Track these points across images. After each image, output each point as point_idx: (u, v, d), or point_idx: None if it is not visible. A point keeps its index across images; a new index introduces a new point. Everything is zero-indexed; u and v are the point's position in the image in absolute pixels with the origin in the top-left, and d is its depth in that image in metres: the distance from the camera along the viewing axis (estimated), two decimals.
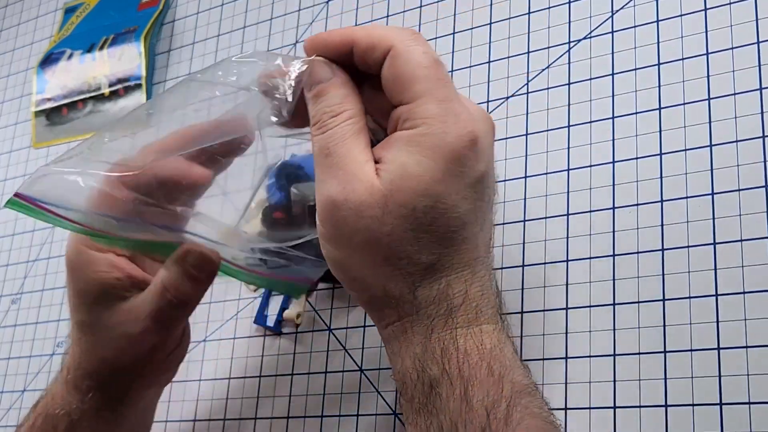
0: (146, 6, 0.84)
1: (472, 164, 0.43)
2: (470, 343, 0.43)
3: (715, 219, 0.50)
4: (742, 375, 0.46)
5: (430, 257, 0.43)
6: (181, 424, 0.66)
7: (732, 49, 0.53)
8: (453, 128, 0.42)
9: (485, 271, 0.45)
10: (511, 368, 0.43)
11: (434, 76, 0.44)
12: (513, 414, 0.41)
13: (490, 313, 0.44)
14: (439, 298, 0.43)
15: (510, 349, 0.44)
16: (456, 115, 0.43)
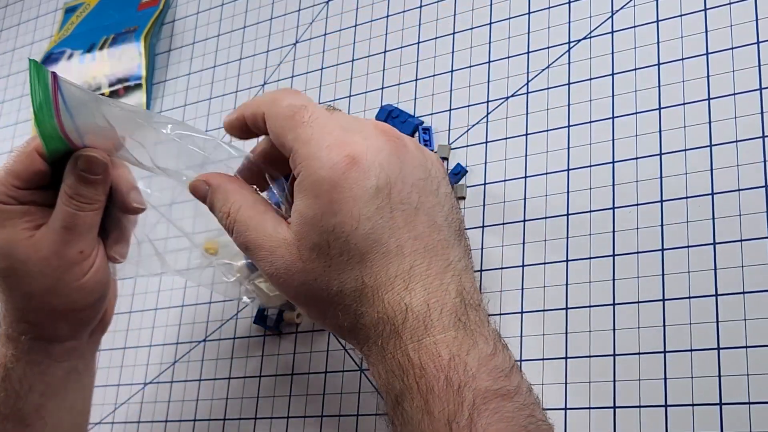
0: (146, 6, 0.84)
1: (360, 183, 0.45)
2: (425, 357, 0.43)
3: (715, 219, 0.50)
4: (741, 375, 0.46)
5: (355, 282, 0.45)
6: (182, 424, 0.66)
7: (732, 49, 0.53)
8: (325, 161, 0.45)
9: (435, 278, 0.45)
10: (476, 376, 0.42)
11: (298, 122, 0.47)
12: (478, 421, 0.41)
13: (448, 321, 0.44)
14: (380, 320, 0.44)
15: (475, 355, 0.43)
16: (327, 148, 0.45)
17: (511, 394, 0.42)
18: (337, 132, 0.46)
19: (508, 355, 0.45)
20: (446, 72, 0.64)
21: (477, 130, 0.61)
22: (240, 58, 0.76)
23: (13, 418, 0.58)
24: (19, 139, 0.90)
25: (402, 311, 0.44)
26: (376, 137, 0.46)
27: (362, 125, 0.47)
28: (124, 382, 0.70)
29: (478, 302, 0.46)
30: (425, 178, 0.47)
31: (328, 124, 0.47)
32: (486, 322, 0.45)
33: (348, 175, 0.45)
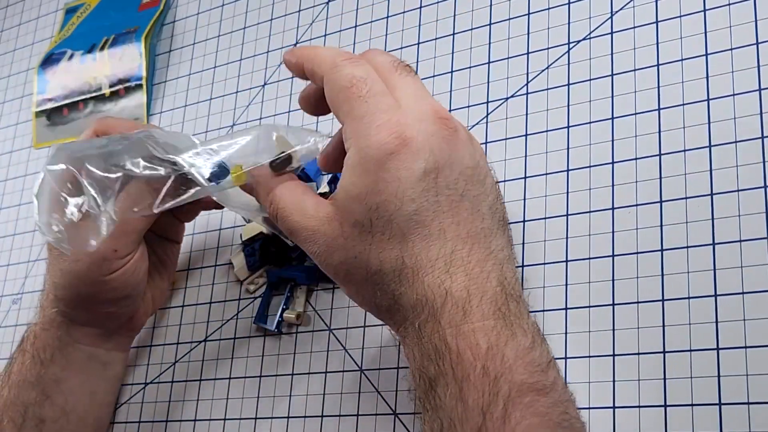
0: (147, 6, 0.84)
1: (408, 164, 0.44)
2: (462, 343, 0.43)
3: (715, 219, 0.50)
4: (741, 375, 0.47)
5: (395, 262, 0.45)
6: (182, 424, 0.66)
7: (731, 49, 0.53)
8: (374, 140, 0.45)
9: (476, 265, 0.44)
10: (513, 368, 0.42)
11: (355, 95, 0.46)
12: (512, 413, 0.41)
13: (488, 310, 0.43)
14: (419, 302, 0.44)
15: (513, 347, 0.43)
16: (377, 127, 0.45)
17: (546, 389, 0.42)
18: (391, 112, 0.46)
19: (546, 350, 0.44)
20: (446, 72, 0.64)
21: (477, 131, 0.61)
22: (240, 59, 0.76)
23: (37, 386, 0.61)
24: (19, 140, 0.90)
25: (441, 295, 0.44)
26: (431, 122, 0.46)
27: (420, 105, 0.47)
28: (124, 381, 0.70)
29: (518, 294, 0.46)
30: (473, 167, 0.47)
31: (384, 101, 0.46)
32: (526, 314, 0.45)
33: (396, 155, 0.44)
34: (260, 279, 0.66)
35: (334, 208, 0.47)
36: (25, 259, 0.82)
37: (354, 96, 0.46)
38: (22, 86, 0.92)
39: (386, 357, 0.58)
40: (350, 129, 0.46)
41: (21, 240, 0.84)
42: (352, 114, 0.46)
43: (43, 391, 0.62)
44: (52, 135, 0.87)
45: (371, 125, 0.45)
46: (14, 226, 0.85)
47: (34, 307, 0.67)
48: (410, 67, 0.49)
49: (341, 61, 0.47)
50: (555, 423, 0.42)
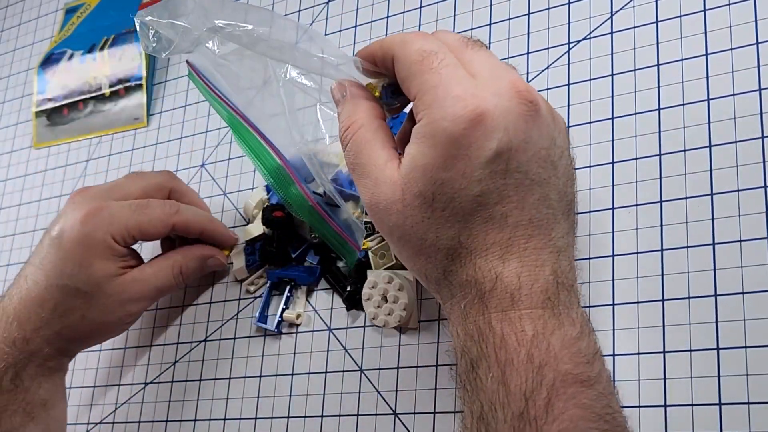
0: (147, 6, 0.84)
1: (480, 143, 0.43)
2: (507, 328, 0.42)
3: (715, 219, 0.50)
4: (741, 375, 0.47)
5: (451, 241, 0.44)
6: (182, 424, 0.66)
7: (731, 49, 0.53)
8: (449, 112, 0.43)
9: (532, 252, 0.43)
10: (558, 357, 0.41)
11: (426, 68, 0.44)
12: (555, 402, 0.40)
13: (537, 299, 0.42)
14: (468, 282, 0.43)
15: (560, 336, 0.42)
16: (454, 98, 0.43)
17: (591, 381, 0.41)
18: (466, 83, 0.43)
19: (594, 341, 0.43)
20: None
21: None
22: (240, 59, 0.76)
23: (21, 411, 0.62)
24: (19, 140, 0.90)
25: (492, 279, 0.43)
26: (508, 97, 0.44)
27: (497, 78, 0.44)
28: (124, 382, 0.70)
29: (571, 282, 0.45)
30: (548, 148, 0.45)
31: (458, 72, 0.44)
32: (576, 303, 0.44)
33: (469, 131, 0.42)
34: (260, 279, 0.66)
35: (400, 175, 0.45)
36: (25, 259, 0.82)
37: (426, 68, 0.44)
38: (22, 86, 0.92)
39: (386, 357, 0.58)
40: (423, 100, 0.44)
41: (21, 240, 0.84)
42: (425, 85, 0.44)
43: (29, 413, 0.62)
44: (52, 135, 0.87)
45: (447, 96, 0.43)
46: (14, 226, 0.85)
47: None
48: (482, 42, 0.47)
49: (410, 38, 0.46)
50: (598, 416, 0.41)
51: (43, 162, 0.86)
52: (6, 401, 0.61)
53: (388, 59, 0.48)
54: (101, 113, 0.83)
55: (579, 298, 0.45)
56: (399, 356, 0.58)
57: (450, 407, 0.54)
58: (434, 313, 0.57)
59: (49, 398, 0.63)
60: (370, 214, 0.47)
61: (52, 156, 0.86)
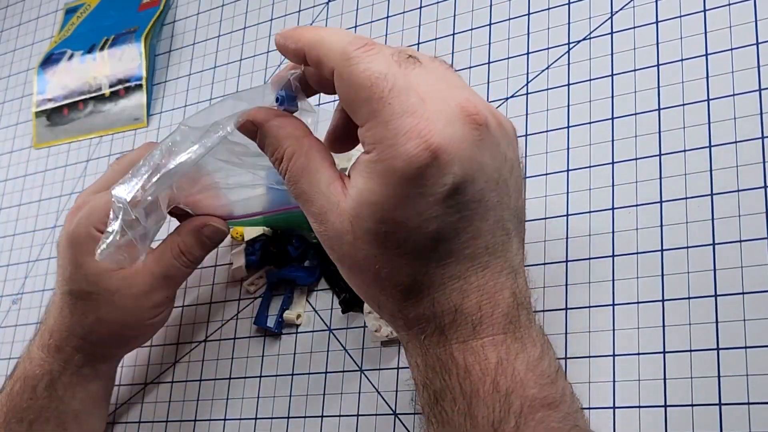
0: (147, 6, 0.84)
1: (435, 180, 0.40)
2: (470, 358, 0.41)
3: (715, 219, 0.50)
4: (741, 375, 0.47)
5: (407, 278, 0.42)
6: (182, 424, 0.66)
7: (731, 50, 0.53)
8: (402, 150, 0.40)
9: (490, 278, 0.42)
10: (523, 382, 0.40)
11: (376, 96, 0.41)
12: (524, 430, 0.39)
13: (499, 324, 0.41)
14: (425, 317, 0.42)
15: (523, 359, 0.41)
16: (405, 135, 0.40)
17: (556, 403, 0.41)
18: (418, 112, 0.40)
19: (553, 357, 0.43)
20: None
21: None
22: (240, 59, 0.76)
23: (53, 420, 0.62)
24: (19, 140, 0.90)
25: (450, 312, 0.42)
26: (460, 124, 0.41)
27: (445, 101, 0.41)
28: (124, 382, 0.70)
29: (528, 299, 0.43)
30: (500, 168, 0.43)
31: (408, 101, 0.40)
32: (533, 321, 0.43)
33: (424, 171, 0.40)
34: (260, 279, 0.66)
35: (348, 206, 0.43)
36: (25, 259, 0.82)
37: (375, 97, 0.41)
38: (22, 86, 0.92)
39: (386, 357, 0.58)
40: (372, 134, 0.41)
41: (21, 240, 0.84)
42: (375, 117, 0.41)
43: (61, 424, 0.62)
44: (52, 135, 0.87)
45: (398, 132, 0.40)
46: (14, 226, 0.85)
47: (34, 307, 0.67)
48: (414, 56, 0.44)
49: (354, 52, 0.42)
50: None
51: (43, 162, 0.86)
52: (40, 408, 0.61)
53: (326, 70, 0.43)
54: (101, 113, 0.83)
55: (534, 313, 0.44)
56: (399, 356, 0.58)
57: None
58: None
59: (83, 409, 0.63)
60: (321, 241, 0.45)
61: (52, 156, 0.86)
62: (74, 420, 0.63)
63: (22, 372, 0.63)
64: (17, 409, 0.61)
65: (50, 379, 0.61)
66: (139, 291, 0.60)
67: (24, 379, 0.62)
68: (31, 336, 0.77)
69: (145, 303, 0.61)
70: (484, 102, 0.43)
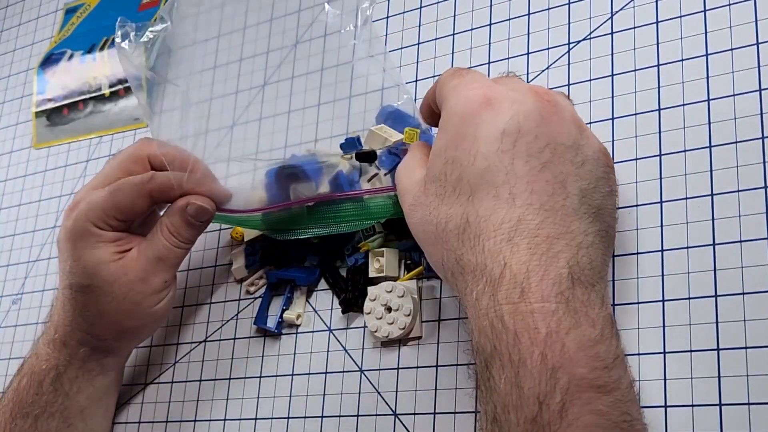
0: (147, 6, 0.84)
1: (488, 122, 0.44)
2: (520, 324, 0.40)
3: (715, 220, 0.50)
4: (741, 376, 0.46)
5: (460, 219, 0.44)
6: (182, 424, 0.66)
7: (731, 50, 0.53)
8: (462, 97, 0.46)
9: (544, 239, 0.42)
10: (573, 360, 0.40)
11: (456, 74, 0.49)
12: (569, 408, 0.39)
13: (549, 292, 0.41)
14: (479, 268, 0.42)
15: (576, 337, 0.40)
16: (469, 89, 0.46)
17: (608, 387, 0.40)
18: (485, 81, 0.47)
19: (615, 345, 0.42)
20: None
21: None
22: (240, 59, 0.76)
23: (58, 416, 0.62)
24: (19, 140, 0.90)
25: (500, 265, 0.42)
26: (524, 93, 0.46)
27: (519, 83, 0.48)
28: (124, 382, 0.70)
29: (592, 281, 0.43)
30: (568, 147, 0.45)
31: (481, 77, 0.48)
32: (598, 304, 0.42)
33: (479, 112, 0.45)
34: (260, 279, 0.66)
35: (425, 168, 0.48)
36: (25, 259, 0.82)
37: (456, 75, 0.48)
38: (22, 86, 0.92)
39: (386, 357, 0.58)
40: (446, 96, 0.48)
41: (21, 240, 0.84)
42: (450, 86, 0.48)
43: (66, 420, 0.62)
44: (52, 135, 0.87)
45: (465, 89, 0.46)
46: (14, 226, 0.85)
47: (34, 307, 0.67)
48: None
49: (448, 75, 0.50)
50: (614, 423, 0.40)
51: (43, 162, 0.86)
52: (45, 403, 0.61)
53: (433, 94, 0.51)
54: (101, 113, 0.83)
55: (605, 300, 0.43)
56: (399, 357, 0.58)
57: (450, 408, 0.54)
58: (434, 314, 0.57)
59: (88, 406, 0.63)
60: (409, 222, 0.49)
61: (52, 156, 0.86)
62: (79, 416, 0.63)
63: (29, 368, 0.63)
64: (23, 404, 0.62)
65: (56, 374, 0.62)
66: (136, 277, 0.60)
67: (30, 374, 0.63)
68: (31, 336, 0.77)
69: (143, 289, 0.61)
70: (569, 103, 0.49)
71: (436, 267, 0.48)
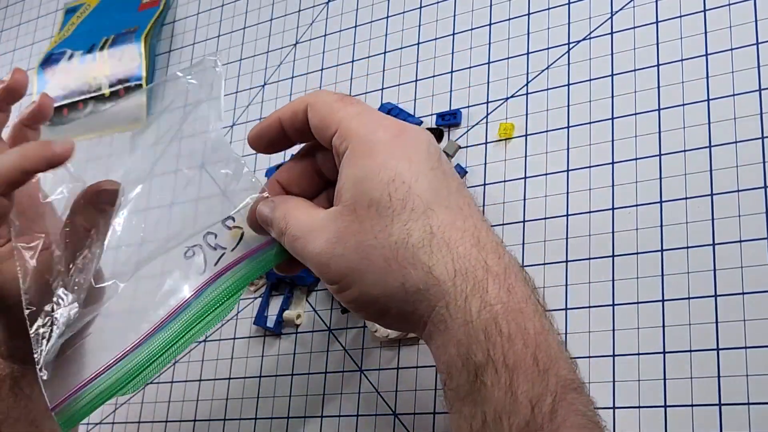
0: (147, 6, 0.84)
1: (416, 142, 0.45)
2: (513, 326, 0.41)
3: (715, 220, 0.50)
4: (741, 375, 0.47)
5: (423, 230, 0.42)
6: (182, 424, 0.66)
7: (731, 50, 0.53)
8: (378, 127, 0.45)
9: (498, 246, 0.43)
10: (557, 360, 0.41)
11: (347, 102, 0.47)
12: (558, 410, 0.39)
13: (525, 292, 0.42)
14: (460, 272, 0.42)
15: (554, 337, 0.42)
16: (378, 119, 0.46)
17: (582, 387, 0.41)
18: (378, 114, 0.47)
19: None
20: (446, 72, 0.64)
21: (477, 131, 0.61)
22: (240, 59, 0.76)
23: (24, 420, 0.60)
24: None
25: (482, 266, 0.42)
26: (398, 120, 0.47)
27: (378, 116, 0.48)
28: None
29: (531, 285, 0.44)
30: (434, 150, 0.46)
31: (370, 108, 0.47)
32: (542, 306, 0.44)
33: (402, 135, 0.45)
34: (260, 279, 0.66)
35: (341, 202, 0.45)
36: None
37: (347, 103, 0.46)
38: None
39: (386, 357, 0.58)
40: (350, 127, 0.45)
41: None
42: (348, 115, 0.46)
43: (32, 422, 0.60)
44: (51, 135, 0.87)
45: (372, 119, 0.46)
46: None
47: None
48: None
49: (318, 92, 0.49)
50: (593, 422, 0.41)
51: None
52: (7, 409, 0.60)
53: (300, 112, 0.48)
54: (101, 113, 0.83)
55: None
56: (398, 357, 0.58)
57: None
58: None
59: None
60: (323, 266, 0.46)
61: None
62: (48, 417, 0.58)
63: None
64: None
65: (12, 381, 0.60)
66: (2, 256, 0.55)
67: None
68: None
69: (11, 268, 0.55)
70: None
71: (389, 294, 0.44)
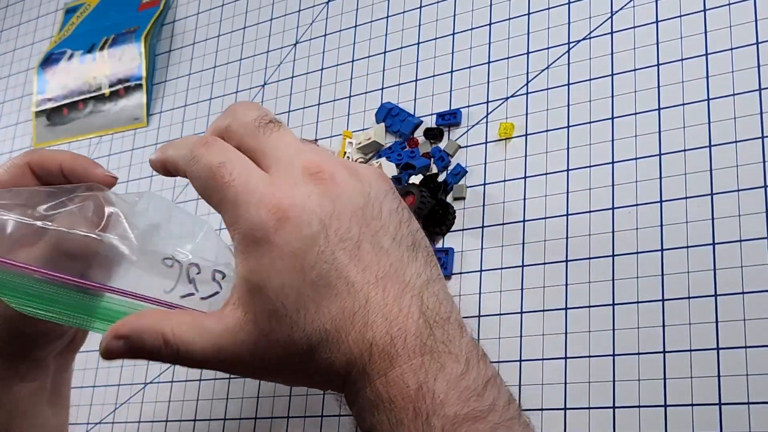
0: (147, 6, 0.84)
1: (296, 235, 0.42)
2: (393, 390, 0.41)
3: (715, 219, 0.50)
4: (741, 375, 0.47)
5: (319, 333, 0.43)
6: (182, 424, 0.66)
7: (731, 49, 0.53)
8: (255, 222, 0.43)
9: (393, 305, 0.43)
10: (444, 402, 0.41)
11: (220, 183, 0.44)
12: None
13: (413, 348, 0.42)
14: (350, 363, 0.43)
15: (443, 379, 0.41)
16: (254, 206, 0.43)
17: (483, 415, 0.41)
18: (261, 186, 0.44)
19: (483, 369, 0.43)
20: (446, 72, 0.64)
21: (476, 131, 0.61)
22: (240, 59, 0.76)
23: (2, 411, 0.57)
24: (19, 140, 0.90)
25: (367, 348, 0.42)
26: (304, 183, 0.44)
27: (291, 166, 0.45)
28: (124, 382, 0.70)
29: (445, 316, 0.44)
30: (364, 206, 0.44)
31: (250, 179, 0.44)
32: (457, 335, 0.43)
33: (281, 231, 0.42)
34: None
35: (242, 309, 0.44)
36: None
37: (220, 184, 0.44)
38: (22, 86, 0.92)
39: None
40: (228, 218, 0.44)
41: None
42: (225, 202, 0.44)
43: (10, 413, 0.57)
44: (52, 135, 0.87)
45: (248, 207, 0.43)
46: None
47: None
48: (276, 120, 0.47)
49: (197, 151, 0.46)
50: None
51: None
52: None
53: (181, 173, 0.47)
54: (101, 113, 0.83)
55: (461, 324, 0.44)
56: None
57: None
58: None
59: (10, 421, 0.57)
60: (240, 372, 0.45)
61: None
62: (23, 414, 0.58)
63: None
64: None
65: None
66: None
67: None
68: None
69: None
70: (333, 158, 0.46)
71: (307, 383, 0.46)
